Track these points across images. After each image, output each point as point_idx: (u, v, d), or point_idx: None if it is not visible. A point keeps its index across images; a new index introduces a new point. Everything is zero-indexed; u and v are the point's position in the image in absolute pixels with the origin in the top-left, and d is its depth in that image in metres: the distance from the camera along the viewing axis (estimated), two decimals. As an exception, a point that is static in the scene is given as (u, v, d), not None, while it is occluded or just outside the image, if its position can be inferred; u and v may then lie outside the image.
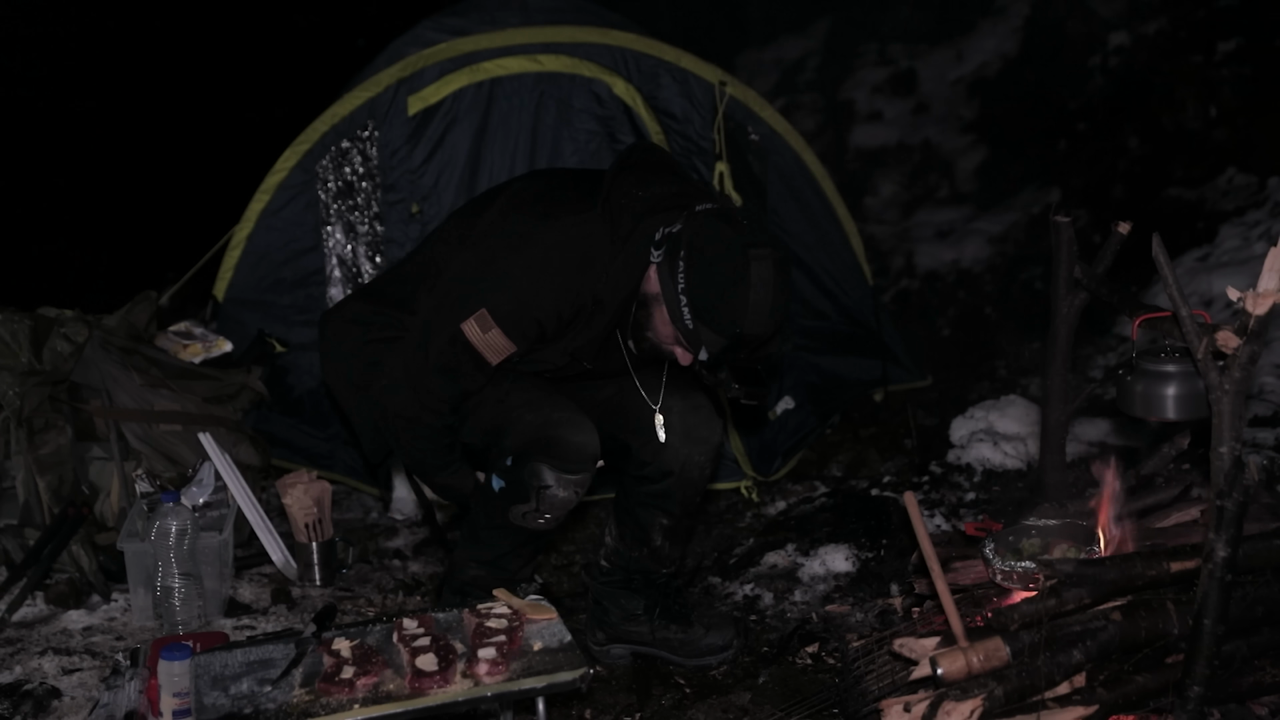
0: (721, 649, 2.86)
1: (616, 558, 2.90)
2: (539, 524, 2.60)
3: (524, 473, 2.56)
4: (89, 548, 3.23)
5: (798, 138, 4.54)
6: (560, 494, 2.56)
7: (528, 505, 2.57)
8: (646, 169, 2.64)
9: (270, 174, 4.20)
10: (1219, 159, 5.78)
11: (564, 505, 2.59)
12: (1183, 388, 2.34)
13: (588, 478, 2.59)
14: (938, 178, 7.35)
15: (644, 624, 2.89)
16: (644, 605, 2.90)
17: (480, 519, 2.67)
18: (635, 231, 2.54)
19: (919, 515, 2.18)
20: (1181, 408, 2.35)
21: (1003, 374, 5.01)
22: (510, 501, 2.58)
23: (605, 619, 2.93)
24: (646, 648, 2.91)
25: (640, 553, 2.85)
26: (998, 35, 7.79)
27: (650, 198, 2.57)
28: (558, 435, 2.55)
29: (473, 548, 2.70)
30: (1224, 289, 2.16)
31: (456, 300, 2.58)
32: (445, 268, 2.69)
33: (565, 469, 2.55)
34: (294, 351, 4.16)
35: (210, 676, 2.06)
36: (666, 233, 2.52)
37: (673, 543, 2.86)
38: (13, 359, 3.34)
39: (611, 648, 2.94)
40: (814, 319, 4.48)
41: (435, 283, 2.70)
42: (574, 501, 2.60)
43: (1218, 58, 6.14)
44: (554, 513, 2.59)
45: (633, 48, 4.15)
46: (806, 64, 8.81)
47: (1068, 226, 2.83)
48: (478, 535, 2.68)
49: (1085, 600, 2.21)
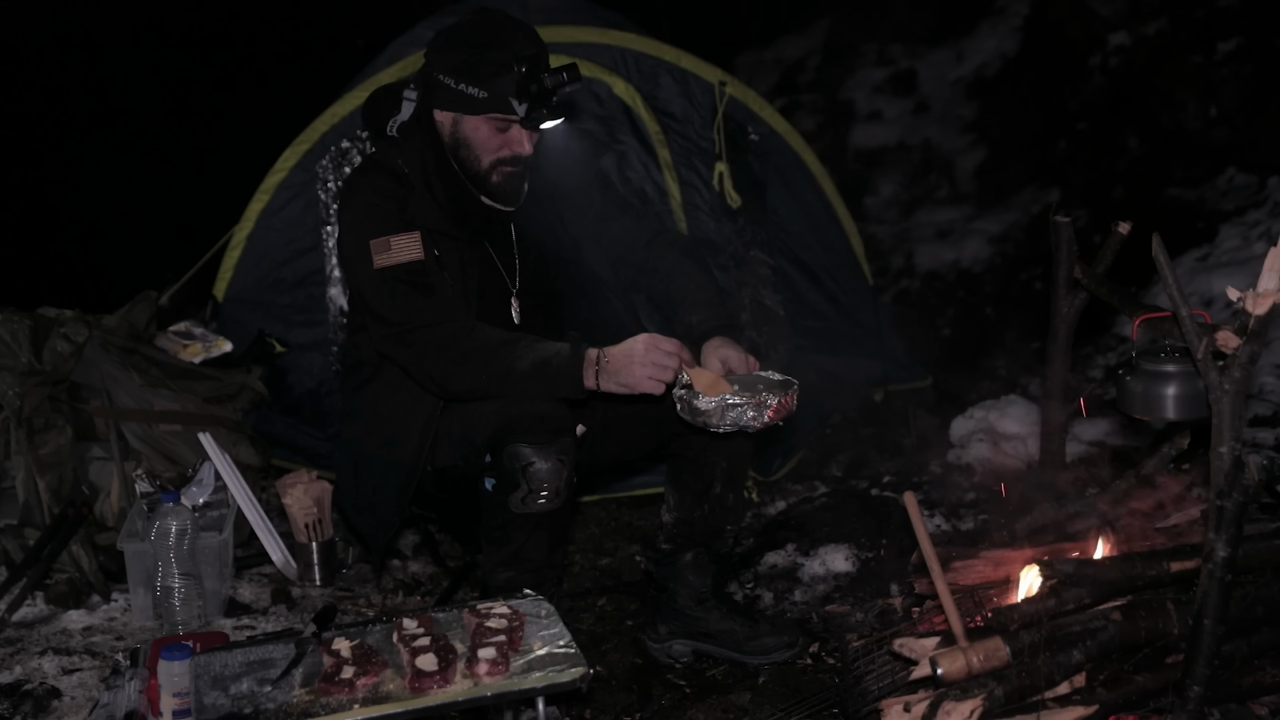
0: (788, 646, 2.85)
1: (678, 529, 2.86)
2: (540, 504, 2.54)
3: (504, 459, 2.53)
4: (89, 548, 3.23)
5: (798, 138, 4.54)
6: (544, 465, 2.51)
7: (521, 490, 2.53)
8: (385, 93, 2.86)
9: (270, 174, 4.20)
10: (1219, 159, 5.78)
11: (554, 475, 2.52)
12: (1183, 388, 2.34)
13: (569, 443, 2.55)
14: (938, 178, 7.36)
15: (713, 609, 2.87)
16: (712, 584, 2.87)
17: (490, 522, 2.66)
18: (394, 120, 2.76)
19: (919, 515, 2.18)
20: (1181, 408, 2.35)
21: (1003, 374, 5.01)
22: (505, 494, 2.56)
23: (671, 604, 2.89)
24: (710, 644, 2.89)
25: (702, 509, 2.82)
26: (998, 35, 7.79)
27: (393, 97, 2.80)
28: (519, 411, 2.52)
29: (493, 552, 2.68)
30: (1224, 289, 2.15)
31: (352, 261, 2.69)
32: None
33: (540, 440, 2.51)
34: (294, 351, 4.16)
35: (210, 676, 2.06)
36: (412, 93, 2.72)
37: (734, 492, 2.83)
38: (13, 359, 3.34)
39: (673, 644, 2.91)
40: (814, 319, 4.48)
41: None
42: (563, 470, 2.53)
43: (1218, 58, 6.14)
44: (549, 487, 2.53)
45: (633, 48, 4.15)
46: (806, 64, 8.82)
47: (1068, 226, 2.83)
48: (493, 538, 2.66)
49: (1085, 600, 2.21)
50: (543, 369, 2.50)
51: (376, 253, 2.61)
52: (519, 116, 2.59)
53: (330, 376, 4.16)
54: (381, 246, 2.61)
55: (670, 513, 2.88)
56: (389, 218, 2.64)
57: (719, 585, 2.90)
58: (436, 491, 2.78)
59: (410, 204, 2.66)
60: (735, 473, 2.82)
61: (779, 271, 4.34)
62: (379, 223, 2.64)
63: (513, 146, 2.65)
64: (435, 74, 2.63)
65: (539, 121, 2.63)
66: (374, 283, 2.63)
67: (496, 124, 2.63)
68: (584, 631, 3.09)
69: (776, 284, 4.30)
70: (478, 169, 2.68)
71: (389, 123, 2.77)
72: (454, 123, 2.66)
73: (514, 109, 2.58)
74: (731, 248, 4.08)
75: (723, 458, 2.79)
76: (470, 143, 2.65)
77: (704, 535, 2.86)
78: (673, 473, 2.87)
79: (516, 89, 2.56)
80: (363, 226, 2.65)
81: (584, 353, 2.49)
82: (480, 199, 2.72)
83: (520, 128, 2.63)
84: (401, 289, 2.61)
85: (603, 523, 3.82)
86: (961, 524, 3.44)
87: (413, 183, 2.69)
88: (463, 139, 2.66)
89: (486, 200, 2.72)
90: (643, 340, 2.48)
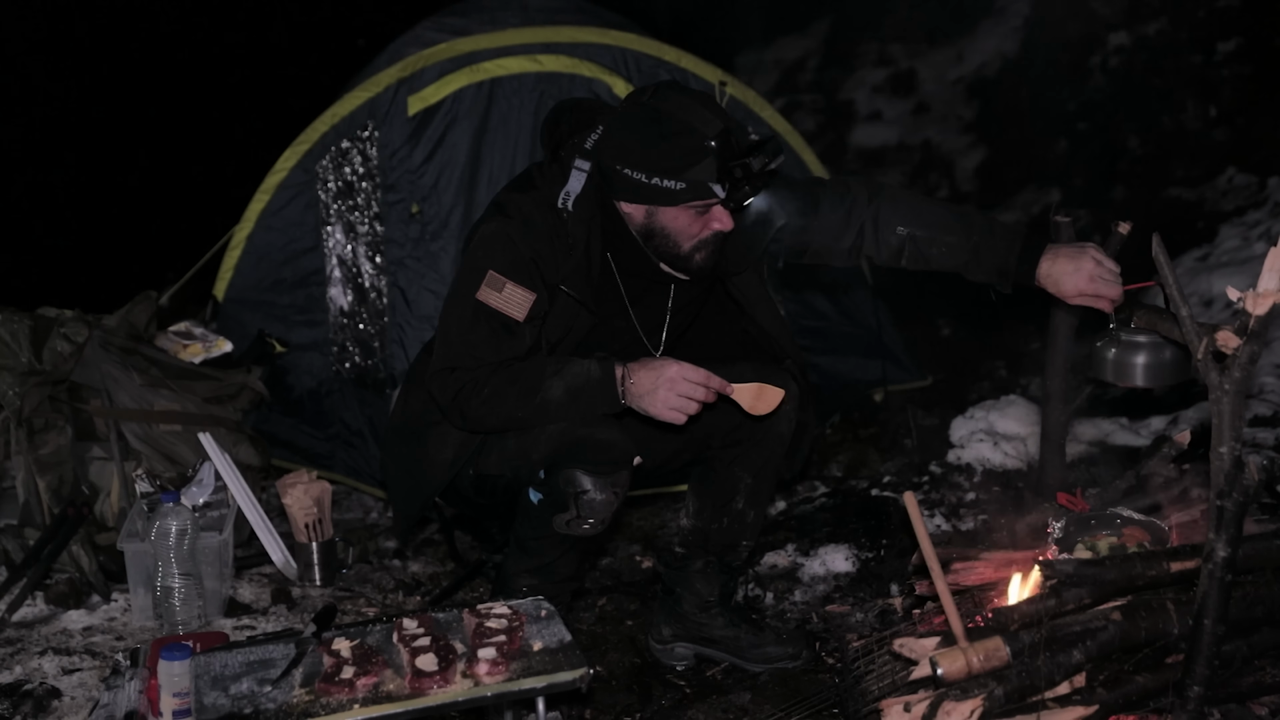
0: (791, 658, 2.83)
1: (693, 536, 2.84)
2: (584, 530, 2.53)
3: (559, 480, 2.50)
4: (89, 548, 3.23)
5: (798, 138, 4.54)
6: (599, 497, 2.49)
7: (569, 513, 2.51)
8: (574, 113, 2.67)
9: (270, 174, 4.21)
10: (1219, 159, 5.77)
11: (605, 508, 2.51)
12: (1151, 357, 2.46)
13: (626, 475, 2.52)
14: (938, 178, 7.35)
15: (717, 616, 2.85)
16: (719, 593, 2.85)
17: (525, 531, 2.64)
18: (565, 148, 2.59)
19: (919, 515, 2.18)
20: (1149, 376, 2.48)
21: (1003, 374, 5.01)
22: (551, 512, 2.54)
23: (677, 609, 2.88)
24: (713, 649, 2.87)
25: (720, 523, 2.80)
26: (998, 35, 7.78)
27: (573, 124, 2.61)
28: (586, 436, 2.49)
29: (521, 558, 2.66)
30: (1224, 289, 2.16)
31: (463, 280, 2.58)
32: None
33: (599, 470, 2.49)
34: (294, 351, 4.16)
35: (210, 676, 2.06)
36: (594, 139, 2.54)
37: (755, 509, 2.80)
38: (13, 359, 3.34)
39: (676, 647, 2.90)
40: (814, 319, 4.49)
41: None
42: (615, 504, 2.53)
43: (1218, 58, 6.14)
44: (596, 517, 2.52)
45: (633, 48, 4.15)
46: (806, 64, 8.81)
47: (1068, 226, 2.83)
48: (525, 546, 2.64)
49: (1085, 600, 2.21)
50: (578, 396, 2.47)
51: (489, 285, 2.51)
52: (721, 199, 2.46)
53: (330, 376, 4.17)
54: (496, 283, 2.51)
55: (689, 518, 2.86)
56: (522, 267, 2.53)
57: (726, 595, 2.88)
58: (473, 495, 2.76)
59: (558, 265, 2.55)
60: (759, 491, 2.80)
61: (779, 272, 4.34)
62: (510, 263, 2.52)
63: (713, 226, 2.52)
64: (618, 167, 2.47)
65: (744, 199, 2.53)
66: (464, 308, 2.54)
67: (697, 209, 2.49)
68: (584, 631, 3.09)
69: (777, 284, 4.31)
70: (677, 253, 2.55)
71: (559, 197, 2.56)
72: (648, 215, 2.52)
73: (715, 193, 2.44)
74: (731, 248, 4.08)
75: (749, 474, 2.76)
76: (669, 231, 2.52)
77: (718, 547, 2.84)
78: (697, 479, 2.85)
79: (716, 174, 2.42)
80: (493, 253, 2.54)
81: (614, 371, 2.45)
82: (659, 269, 2.62)
83: (721, 208, 2.51)
84: (485, 330, 2.52)
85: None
86: (961, 524, 3.44)
87: (575, 245, 2.55)
88: (659, 229, 2.53)
89: (668, 270, 2.62)
90: (672, 368, 2.41)
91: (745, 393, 2.50)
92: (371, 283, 4.10)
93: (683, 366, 2.42)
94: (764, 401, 2.51)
